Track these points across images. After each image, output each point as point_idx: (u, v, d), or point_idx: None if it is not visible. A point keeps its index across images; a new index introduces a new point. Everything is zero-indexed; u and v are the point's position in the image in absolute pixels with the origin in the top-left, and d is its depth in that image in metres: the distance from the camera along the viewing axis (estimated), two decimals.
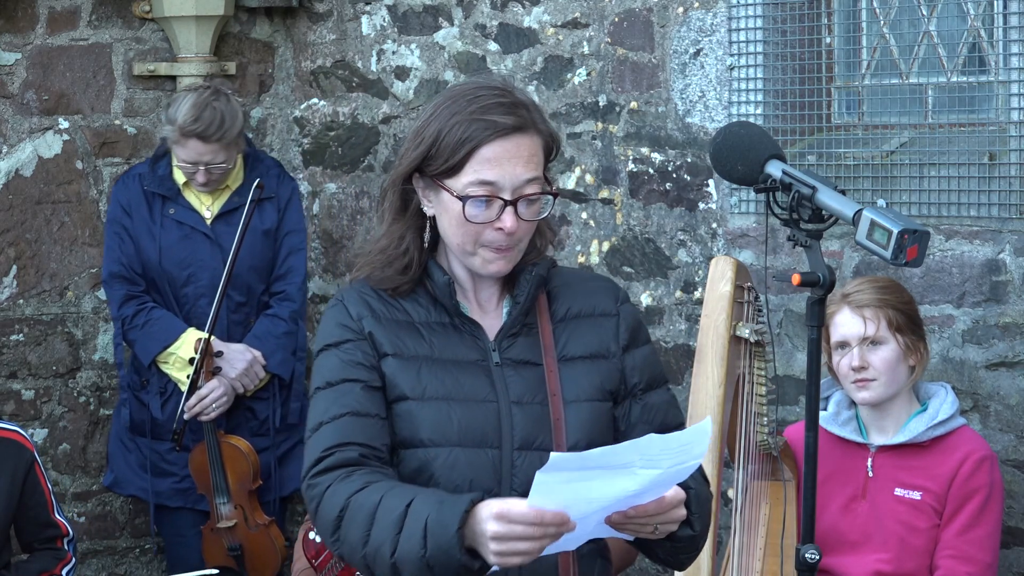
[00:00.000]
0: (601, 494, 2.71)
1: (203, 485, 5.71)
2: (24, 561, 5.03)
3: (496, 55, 5.96)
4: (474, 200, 2.97)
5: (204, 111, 5.54)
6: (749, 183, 3.40)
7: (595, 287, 3.16)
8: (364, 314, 3.04)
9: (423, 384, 2.99)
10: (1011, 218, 4.81)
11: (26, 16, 6.17)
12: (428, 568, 2.75)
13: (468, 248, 3.02)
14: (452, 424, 2.96)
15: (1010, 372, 4.84)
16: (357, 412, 2.96)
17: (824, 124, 5.26)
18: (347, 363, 3.00)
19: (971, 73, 5.05)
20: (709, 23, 5.41)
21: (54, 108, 6.21)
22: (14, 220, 6.15)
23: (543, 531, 2.67)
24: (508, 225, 2.98)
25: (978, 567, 4.38)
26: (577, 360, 3.06)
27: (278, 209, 5.83)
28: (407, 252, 3.06)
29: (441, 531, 2.73)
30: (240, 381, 5.69)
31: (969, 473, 4.40)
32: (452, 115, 3.00)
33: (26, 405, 6.18)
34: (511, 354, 3.04)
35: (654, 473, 2.71)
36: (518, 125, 2.99)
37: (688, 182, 5.51)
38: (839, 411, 4.59)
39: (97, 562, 6.35)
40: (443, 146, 2.99)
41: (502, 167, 2.97)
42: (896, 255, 3.14)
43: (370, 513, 2.83)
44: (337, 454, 2.92)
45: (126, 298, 5.76)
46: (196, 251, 5.74)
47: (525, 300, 3.06)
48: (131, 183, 5.81)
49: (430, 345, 3.02)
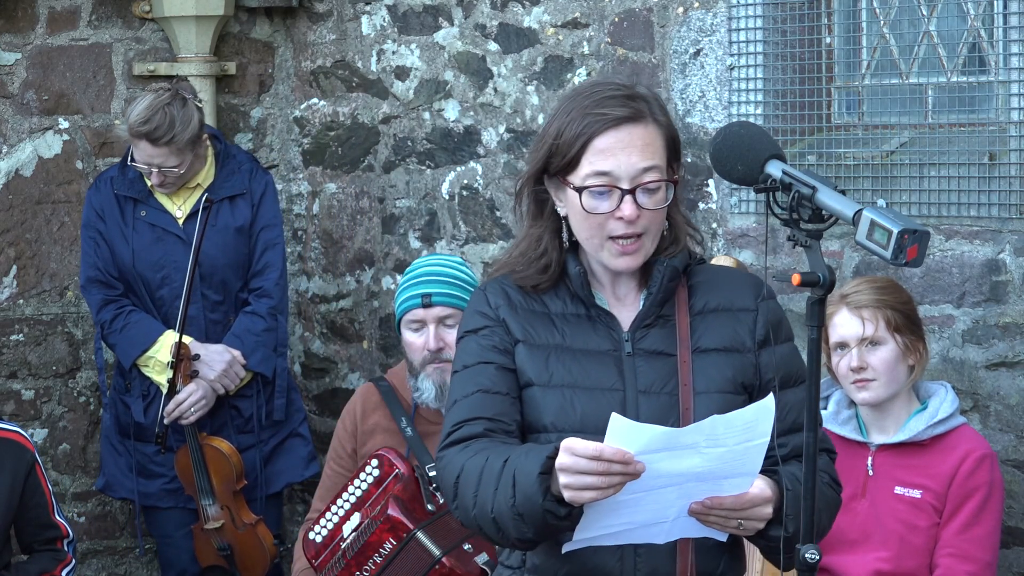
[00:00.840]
0: (669, 469, 2.76)
1: (189, 487, 5.71)
2: (24, 562, 5.03)
3: (496, 55, 5.96)
4: (591, 191, 3.03)
5: (156, 113, 5.51)
6: (749, 183, 3.39)
7: (738, 282, 3.20)
8: (501, 303, 3.12)
9: (550, 371, 3.06)
10: (1011, 218, 4.81)
11: (26, 16, 6.16)
12: (519, 517, 2.84)
13: (595, 242, 3.07)
14: (575, 411, 3.02)
15: (1010, 372, 4.84)
16: (487, 390, 3.05)
17: (824, 124, 5.26)
18: (484, 347, 3.09)
19: (971, 73, 5.04)
20: (709, 23, 5.41)
21: (54, 108, 6.21)
22: (14, 220, 6.15)
23: (606, 466, 2.73)
24: (627, 213, 3.02)
25: (978, 566, 4.38)
26: (711, 352, 3.09)
27: (251, 204, 5.79)
28: (545, 253, 3.13)
29: (525, 477, 2.82)
30: (220, 382, 5.67)
31: (969, 472, 4.41)
32: (570, 112, 3.07)
33: (26, 405, 6.18)
34: (644, 344, 3.09)
35: (720, 450, 2.76)
36: (631, 115, 3.04)
37: (688, 182, 5.51)
38: (839, 410, 4.59)
39: (97, 562, 6.35)
40: (562, 143, 3.06)
41: (617, 157, 3.03)
42: (896, 255, 3.13)
43: (478, 474, 2.92)
44: (464, 428, 3.02)
45: (104, 302, 5.74)
46: (169, 252, 5.72)
47: (658, 291, 3.10)
48: (103, 187, 5.79)
49: (562, 335, 3.09)
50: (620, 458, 2.73)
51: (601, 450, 2.73)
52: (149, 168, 5.60)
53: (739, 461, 2.81)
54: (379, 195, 6.38)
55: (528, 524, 2.84)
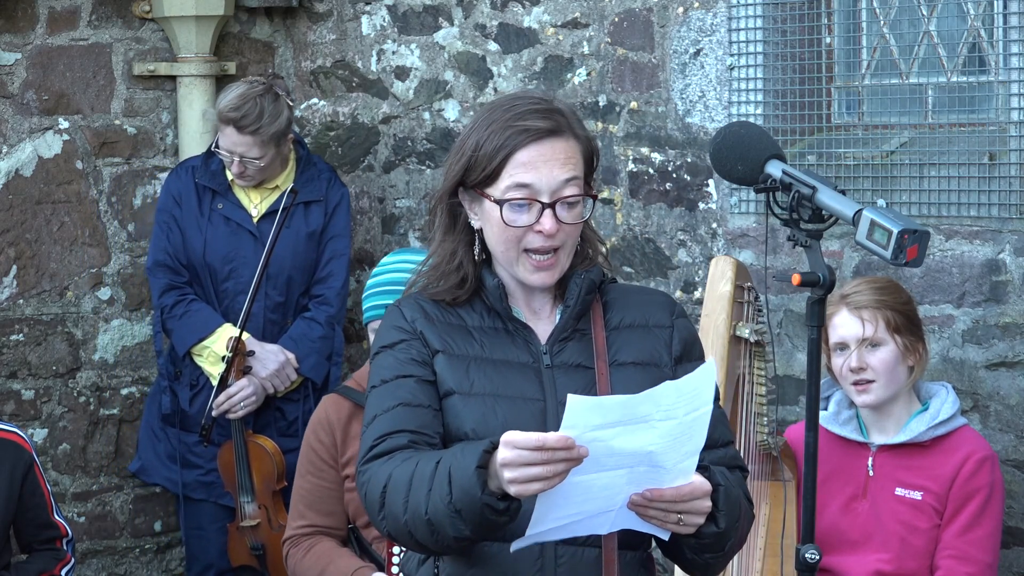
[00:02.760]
0: (623, 447, 2.76)
1: (229, 483, 5.73)
2: (23, 562, 5.03)
3: (496, 55, 5.96)
4: (512, 204, 3.02)
5: (247, 102, 5.57)
6: (749, 183, 3.40)
7: (651, 300, 3.20)
8: (417, 316, 3.10)
9: (471, 379, 3.04)
10: (1011, 218, 4.81)
11: (26, 16, 6.16)
12: (457, 514, 2.81)
13: (511, 255, 3.06)
14: (497, 418, 3.00)
15: (1010, 372, 4.84)
16: (408, 403, 3.02)
17: (824, 124, 5.26)
18: (401, 361, 3.06)
19: (971, 73, 5.04)
20: (709, 23, 5.41)
21: (54, 108, 6.21)
22: (14, 220, 6.15)
23: (550, 455, 2.71)
24: (547, 227, 3.02)
25: (978, 567, 4.38)
26: (628, 366, 3.09)
27: (325, 213, 5.84)
28: (460, 267, 3.11)
29: (462, 472, 2.79)
30: (271, 381, 5.71)
31: (970, 473, 4.40)
32: (489, 124, 3.05)
33: (26, 405, 6.18)
34: (562, 358, 3.08)
35: (671, 424, 2.76)
36: (553, 128, 3.04)
37: (688, 182, 5.51)
38: (840, 410, 4.59)
39: (97, 562, 6.35)
40: (481, 155, 3.04)
41: (538, 170, 3.02)
42: (896, 255, 3.14)
43: (407, 480, 2.89)
44: (387, 441, 2.99)
45: (168, 287, 5.79)
46: (240, 248, 5.76)
47: (575, 304, 3.10)
48: (184, 175, 5.85)
49: (481, 345, 3.08)
50: (563, 444, 2.71)
51: (544, 439, 2.71)
52: (231, 156, 5.64)
53: (687, 436, 2.81)
54: (379, 195, 6.38)
55: (466, 521, 2.81)
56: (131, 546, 6.37)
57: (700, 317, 4.21)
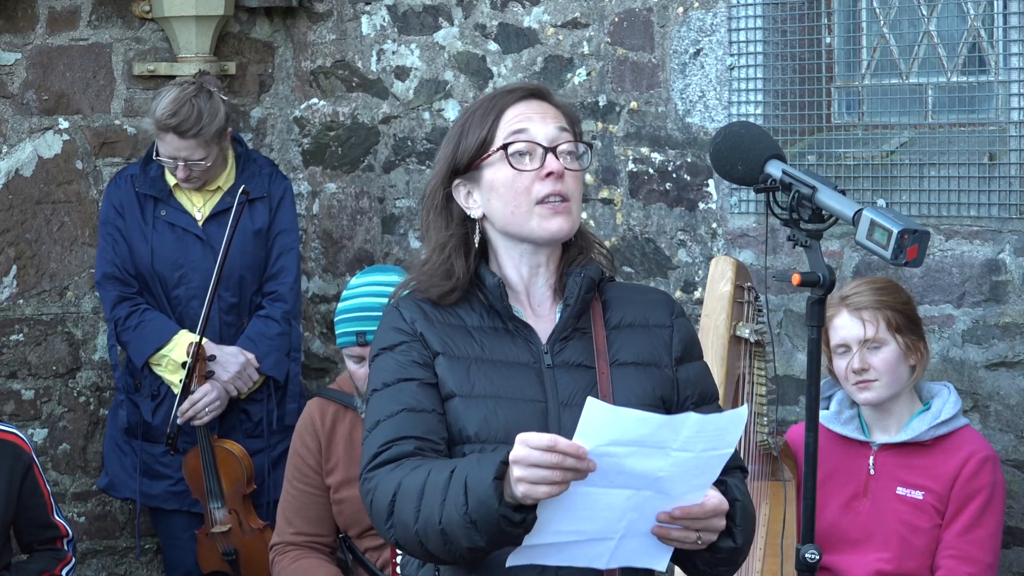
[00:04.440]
0: (633, 467, 2.74)
1: (197, 490, 5.67)
2: (24, 561, 5.04)
3: (496, 55, 5.96)
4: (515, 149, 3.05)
5: (183, 106, 5.51)
6: (749, 183, 3.39)
7: (651, 299, 3.19)
8: (417, 317, 3.08)
9: (472, 381, 3.02)
10: (1011, 218, 4.81)
11: (26, 16, 6.16)
12: (472, 525, 2.79)
13: (523, 210, 3.05)
14: (499, 420, 2.99)
15: (1010, 372, 4.84)
16: (412, 408, 3.00)
17: (824, 124, 5.26)
18: (402, 363, 3.04)
19: (971, 73, 5.05)
20: (709, 23, 5.41)
21: (54, 108, 6.21)
22: (14, 220, 6.15)
23: (560, 459, 2.69)
24: (555, 166, 3.03)
25: (979, 567, 4.38)
26: (629, 366, 3.08)
27: (270, 209, 5.79)
28: (449, 258, 3.10)
29: (479, 483, 2.77)
30: (233, 384, 5.66)
31: (972, 474, 4.40)
32: (473, 111, 3.12)
33: (26, 405, 6.18)
34: (563, 357, 3.07)
35: (687, 456, 2.74)
36: (534, 91, 3.11)
37: (688, 182, 5.51)
38: (841, 410, 4.59)
39: (97, 562, 6.35)
40: (470, 132, 3.09)
41: (531, 120, 3.07)
42: (896, 255, 3.13)
43: (419, 489, 2.87)
44: (393, 448, 2.96)
45: (119, 299, 5.73)
46: (188, 252, 5.72)
47: (575, 302, 3.09)
48: (123, 184, 5.79)
49: (481, 346, 3.06)
50: (574, 452, 2.70)
51: (556, 441, 2.70)
52: (175, 162, 5.60)
53: (699, 470, 2.79)
54: (379, 195, 6.38)
55: (481, 532, 2.79)
56: (131, 546, 6.37)
57: (700, 317, 4.21)
